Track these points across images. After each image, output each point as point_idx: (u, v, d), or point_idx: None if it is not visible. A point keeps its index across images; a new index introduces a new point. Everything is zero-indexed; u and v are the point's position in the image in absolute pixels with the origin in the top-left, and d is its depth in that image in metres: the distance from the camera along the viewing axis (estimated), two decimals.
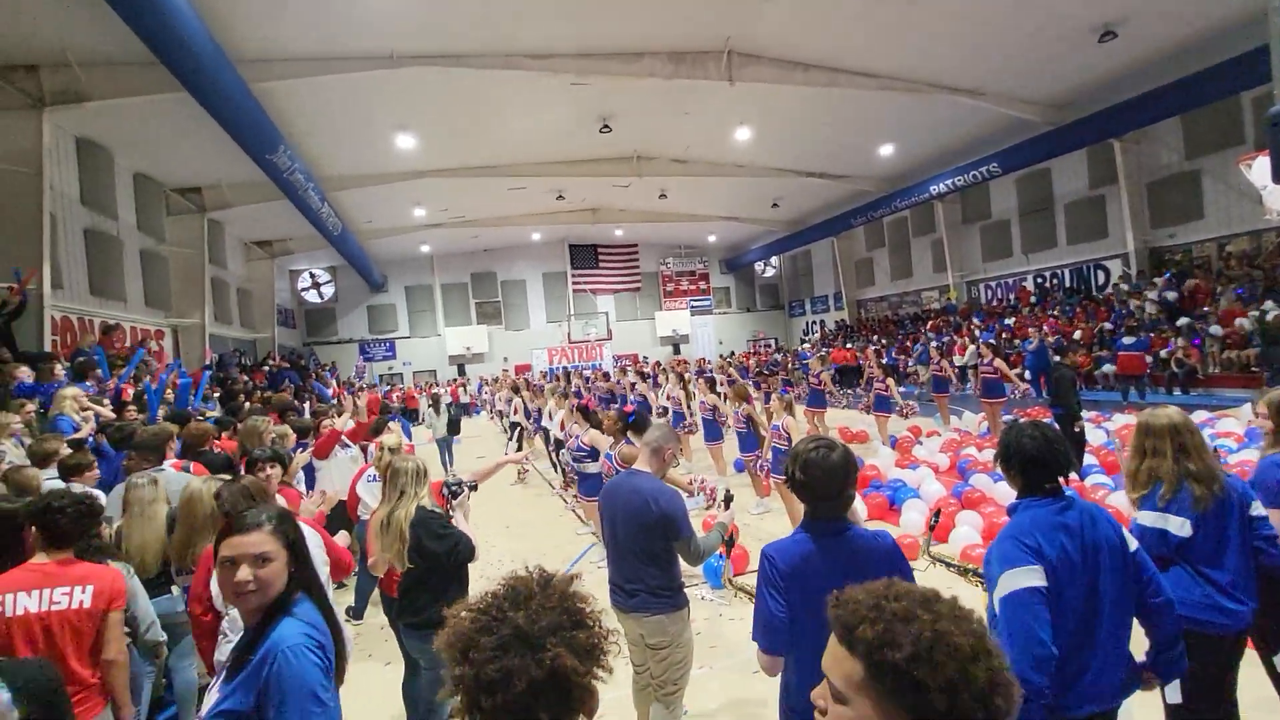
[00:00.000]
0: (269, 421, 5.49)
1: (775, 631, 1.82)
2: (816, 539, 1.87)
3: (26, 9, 7.64)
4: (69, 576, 2.37)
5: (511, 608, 0.98)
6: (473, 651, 0.94)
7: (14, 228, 8.66)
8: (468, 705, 0.94)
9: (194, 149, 11.67)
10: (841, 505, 1.90)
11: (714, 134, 15.28)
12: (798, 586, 1.79)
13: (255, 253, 18.92)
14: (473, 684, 0.93)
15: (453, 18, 9.40)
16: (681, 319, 28.35)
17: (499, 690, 0.91)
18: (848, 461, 1.90)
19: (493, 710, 0.91)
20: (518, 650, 0.93)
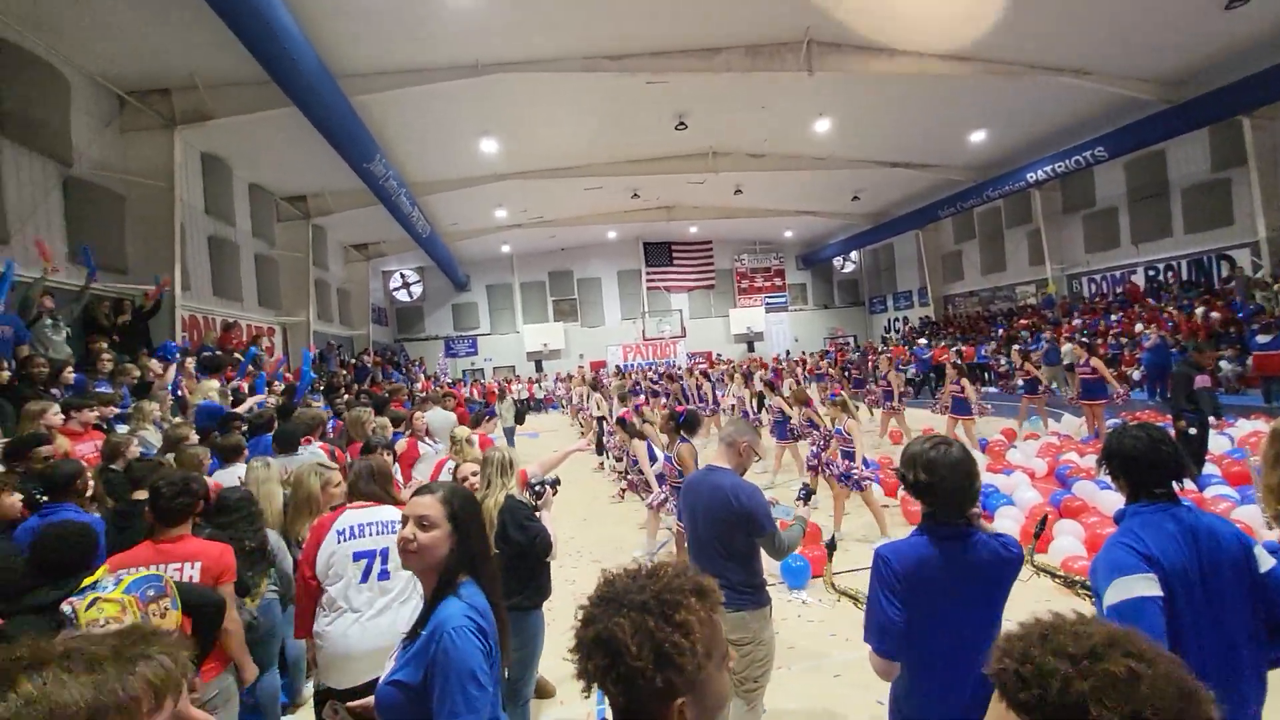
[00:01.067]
0: (370, 412, 5.88)
1: (890, 636, 1.77)
2: (937, 542, 1.80)
3: (161, 39, 8.48)
4: (180, 553, 2.56)
5: (631, 577, 1.03)
6: (593, 593, 1.02)
7: (151, 235, 9.66)
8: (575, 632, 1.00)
9: (300, 160, 12.59)
10: (967, 505, 1.82)
11: (792, 127, 14.97)
12: (915, 590, 1.75)
13: (353, 255, 20.20)
14: (581, 616, 1.00)
15: (533, 25, 9.67)
16: (756, 316, 27.95)
17: (585, 626, 0.98)
18: (968, 456, 1.83)
19: (576, 643, 0.99)
20: (606, 606, 0.98)
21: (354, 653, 2.45)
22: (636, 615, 0.95)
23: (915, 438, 2.01)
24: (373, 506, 2.71)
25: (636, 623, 0.94)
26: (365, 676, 2.36)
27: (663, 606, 0.96)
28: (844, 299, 29.70)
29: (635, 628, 0.93)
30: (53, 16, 7.65)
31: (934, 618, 1.76)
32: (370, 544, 2.62)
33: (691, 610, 0.96)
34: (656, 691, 0.92)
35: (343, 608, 2.54)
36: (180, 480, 2.67)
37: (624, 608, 0.96)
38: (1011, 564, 1.78)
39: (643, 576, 1.02)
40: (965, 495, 1.81)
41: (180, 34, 8.35)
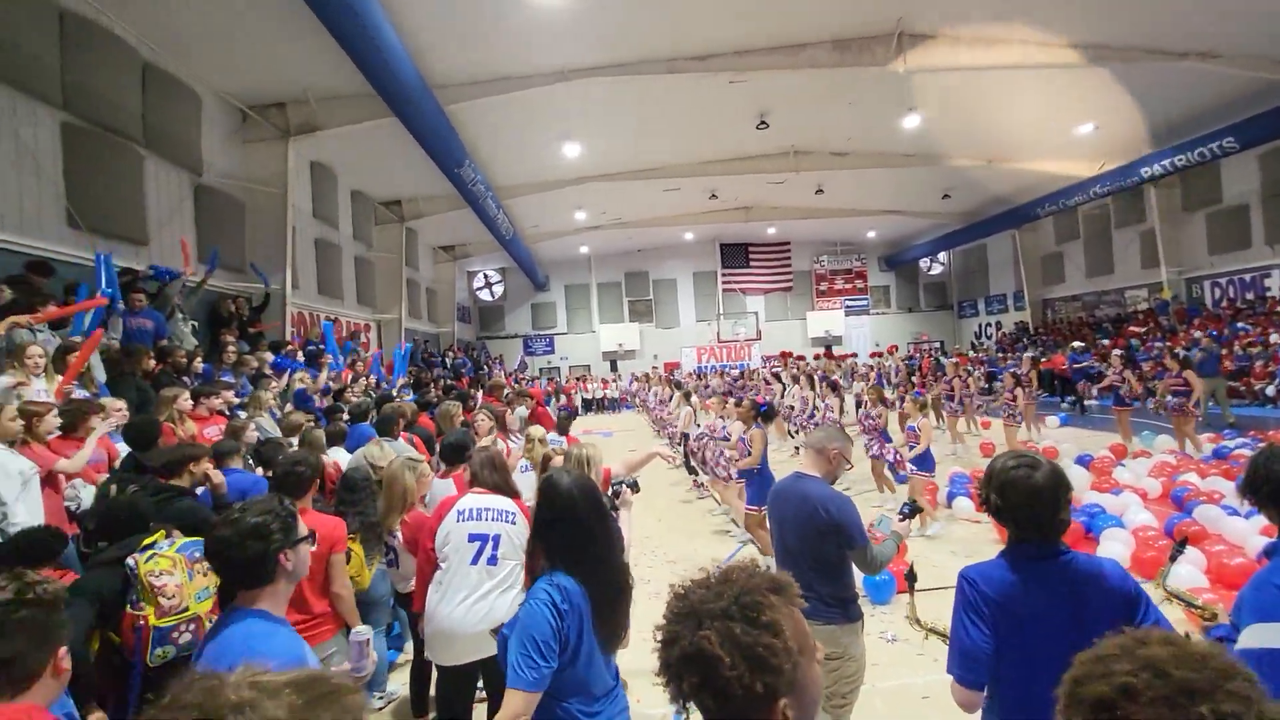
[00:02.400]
0: (459, 406, 6.16)
1: (976, 663, 1.66)
2: (1025, 565, 1.69)
3: (279, 57, 9.21)
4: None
5: (703, 587, 1.00)
6: (667, 610, 1.00)
7: (266, 238, 10.51)
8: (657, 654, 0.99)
9: (397, 167, 13.34)
10: (1053, 531, 1.69)
11: (879, 123, 14.46)
12: (1004, 616, 1.65)
13: (441, 256, 21.20)
14: (659, 637, 0.98)
15: (619, 30, 9.82)
16: (835, 319, 27.16)
17: (665, 648, 0.96)
18: (1056, 482, 1.68)
19: (661, 666, 0.97)
20: (686, 621, 0.95)
21: (456, 633, 2.59)
22: (721, 624, 0.91)
23: (1003, 453, 1.85)
24: (490, 494, 2.87)
25: (723, 632, 0.90)
26: (467, 657, 2.49)
27: (745, 610, 0.92)
28: (931, 302, 28.38)
29: (723, 637, 0.90)
30: (189, 41, 8.48)
31: (1023, 646, 1.65)
32: (484, 528, 2.76)
33: (774, 608, 0.93)
34: (757, 698, 0.89)
35: (450, 586, 2.69)
36: (292, 458, 2.99)
37: (706, 619, 0.92)
38: (1112, 586, 1.63)
39: (716, 583, 0.98)
40: (1044, 525, 1.68)
41: (295, 52, 9.04)
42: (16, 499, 3.49)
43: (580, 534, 1.88)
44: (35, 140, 6.73)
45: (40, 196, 6.79)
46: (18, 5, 6.50)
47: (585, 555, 1.86)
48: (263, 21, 8.25)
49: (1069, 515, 1.74)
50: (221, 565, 1.69)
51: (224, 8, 7.94)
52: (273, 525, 1.68)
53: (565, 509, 1.90)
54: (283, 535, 1.70)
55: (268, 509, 1.73)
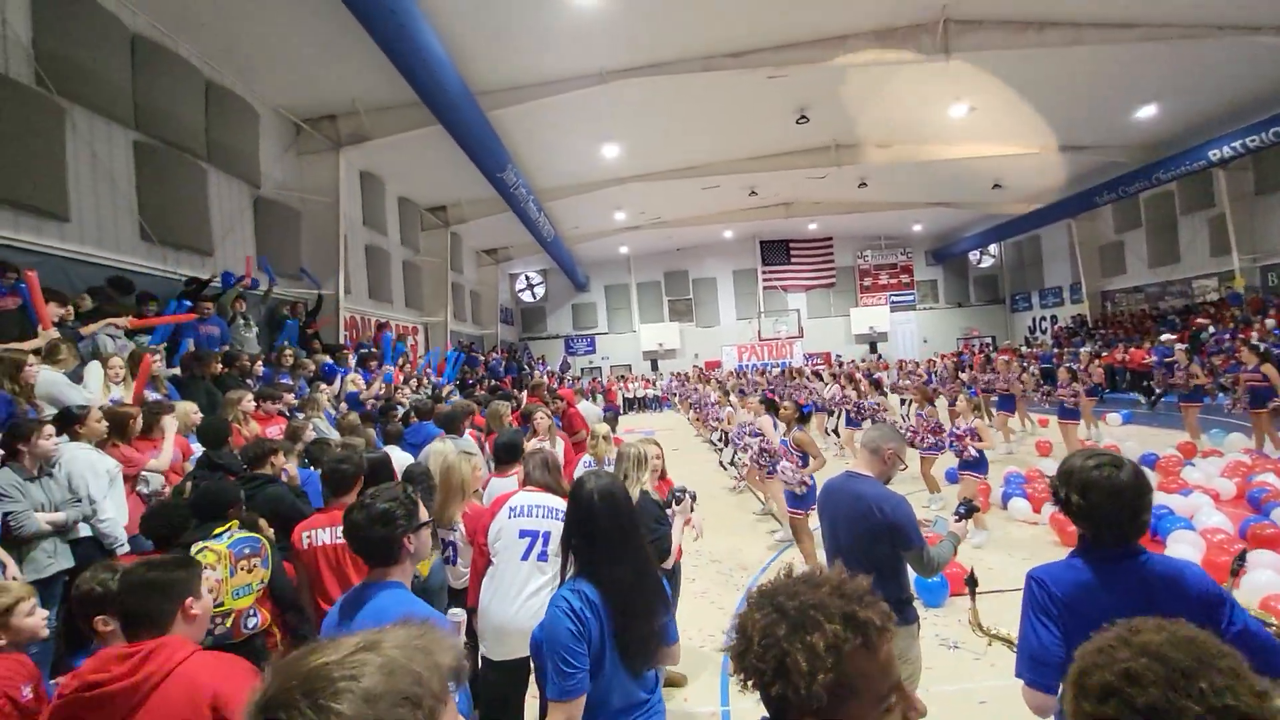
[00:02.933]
0: (508, 406, 6.30)
1: (1046, 666, 1.60)
2: (1097, 565, 1.64)
3: (330, 71, 9.56)
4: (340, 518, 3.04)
5: (786, 580, 1.00)
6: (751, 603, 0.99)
7: (320, 246, 10.93)
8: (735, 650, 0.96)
9: (441, 173, 13.66)
10: (1133, 532, 1.64)
11: (924, 113, 14.10)
12: (1074, 617, 1.60)
13: (484, 259, 21.62)
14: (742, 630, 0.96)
15: (655, 30, 9.84)
16: (880, 315, 26.57)
17: (754, 657, 0.92)
18: (1139, 482, 1.62)
19: (749, 670, 0.94)
20: (759, 598, 0.96)
21: (508, 628, 2.66)
22: (773, 617, 0.92)
23: (1080, 451, 1.78)
24: (542, 492, 2.94)
25: (768, 625, 0.91)
26: (519, 652, 2.56)
27: (802, 620, 0.90)
28: (981, 296, 27.48)
29: (765, 630, 0.91)
30: (247, 59, 8.89)
31: None
32: (535, 525, 2.83)
33: (829, 637, 0.88)
34: (770, 699, 0.90)
35: (502, 582, 2.77)
36: (337, 457, 3.18)
37: (768, 607, 0.94)
38: (1189, 587, 1.55)
39: (801, 583, 0.98)
40: (1125, 526, 1.62)
41: (345, 66, 9.36)
42: (105, 496, 3.74)
43: (599, 541, 1.87)
44: (111, 158, 7.16)
45: (115, 211, 7.23)
46: (96, 33, 6.93)
47: (604, 563, 1.85)
48: (315, 38, 8.58)
49: (1149, 517, 1.69)
50: (356, 545, 1.93)
51: (279, 27, 8.30)
52: (397, 512, 1.88)
53: (585, 514, 1.90)
54: (406, 521, 1.89)
55: (393, 497, 1.91)
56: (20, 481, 3.39)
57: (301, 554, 3.00)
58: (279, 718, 0.66)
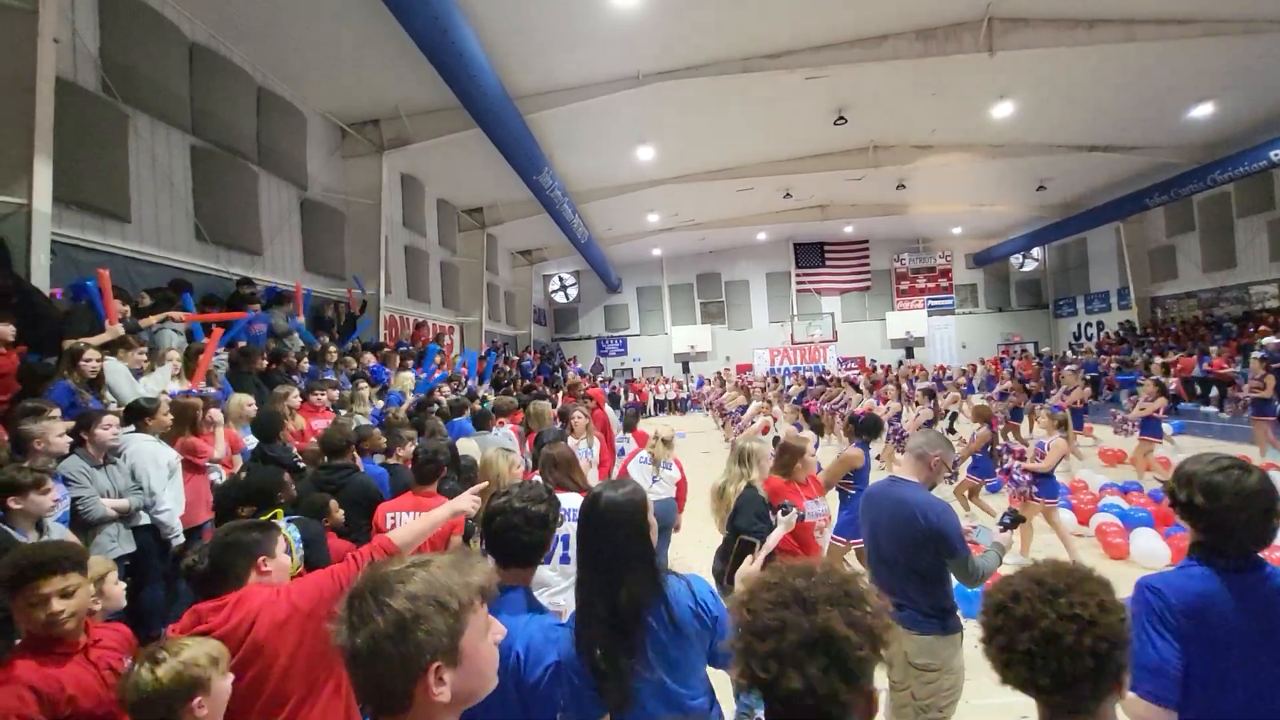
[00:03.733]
0: (549, 405, 6.38)
1: (1168, 679, 1.52)
2: (1220, 575, 1.56)
3: (375, 77, 9.81)
4: (429, 504, 3.25)
5: (794, 576, 1.05)
6: (754, 602, 1.03)
7: (362, 247, 11.21)
8: (742, 651, 1.00)
9: (479, 176, 13.88)
10: (1259, 540, 1.57)
11: (966, 113, 13.80)
12: (1197, 631, 1.52)
13: (519, 260, 21.89)
14: (748, 629, 1.01)
15: (693, 32, 9.83)
16: (917, 320, 26.06)
17: (770, 637, 0.97)
18: (1268, 487, 1.55)
19: (763, 656, 0.97)
20: (793, 607, 0.98)
21: None
22: (841, 608, 0.99)
23: (1197, 455, 1.71)
24: (558, 493, 2.97)
25: (846, 614, 1.00)
26: None
27: (854, 594, 1.05)
28: (1023, 301, 26.74)
29: (848, 618, 0.99)
30: (296, 66, 9.19)
31: (1223, 666, 1.52)
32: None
33: (872, 591, 1.09)
34: (868, 676, 1.00)
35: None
36: (433, 449, 3.50)
37: (820, 603, 0.99)
38: None
39: (809, 573, 1.07)
40: (1253, 533, 1.55)
41: (388, 71, 9.60)
42: (164, 488, 3.91)
43: (584, 553, 1.76)
44: (169, 162, 7.48)
45: (173, 213, 7.54)
46: (158, 42, 7.25)
47: (586, 576, 1.75)
48: (361, 45, 8.82)
49: (1277, 525, 1.59)
50: (504, 546, 1.80)
51: (327, 35, 8.56)
52: (550, 516, 1.84)
53: (581, 524, 1.80)
54: (555, 524, 1.87)
55: (543, 499, 1.85)
56: (87, 468, 3.56)
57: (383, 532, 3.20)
58: (354, 604, 0.98)
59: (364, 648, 0.95)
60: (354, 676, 1.00)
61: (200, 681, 1.60)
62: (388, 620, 0.94)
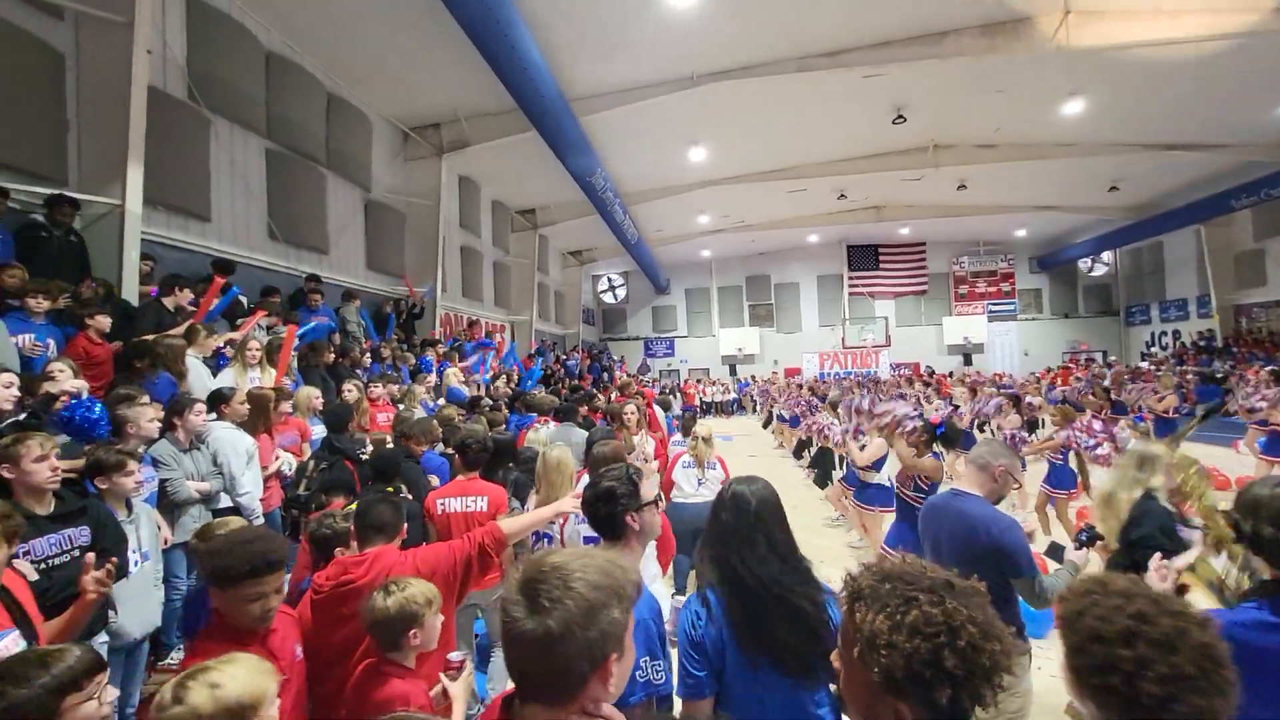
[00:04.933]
0: (634, 405, 6.43)
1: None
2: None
3: (436, 82, 10.11)
4: (475, 489, 3.55)
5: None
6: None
7: (420, 246, 11.58)
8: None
9: (532, 177, 14.12)
10: None
11: (1033, 110, 13.24)
12: (1266, 681, 1.41)
13: (569, 261, 22.17)
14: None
15: (749, 31, 9.75)
16: (976, 325, 25.13)
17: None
18: None
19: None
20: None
21: None
22: (951, 599, 1.05)
23: (1264, 478, 1.56)
24: None
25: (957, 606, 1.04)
26: None
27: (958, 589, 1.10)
28: (1091, 307, 25.47)
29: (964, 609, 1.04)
30: (363, 72, 9.55)
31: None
32: (592, 532, 2.88)
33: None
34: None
35: None
36: (481, 437, 3.69)
37: (927, 593, 1.06)
38: None
39: (909, 569, 1.12)
40: None
41: (449, 77, 9.87)
42: (243, 472, 4.13)
43: (719, 544, 1.88)
44: (246, 165, 7.90)
45: (249, 213, 7.96)
46: (238, 51, 7.68)
47: (724, 567, 1.84)
48: (423, 51, 9.10)
49: None
50: (591, 521, 2.04)
51: (393, 42, 8.86)
52: (620, 490, 1.96)
53: (713, 515, 1.95)
54: (628, 499, 1.96)
55: (617, 476, 2.01)
56: (176, 452, 3.80)
57: (435, 519, 3.55)
58: (539, 588, 0.99)
59: (557, 630, 0.96)
60: (529, 660, 1.00)
61: (416, 616, 1.93)
62: (578, 605, 0.97)
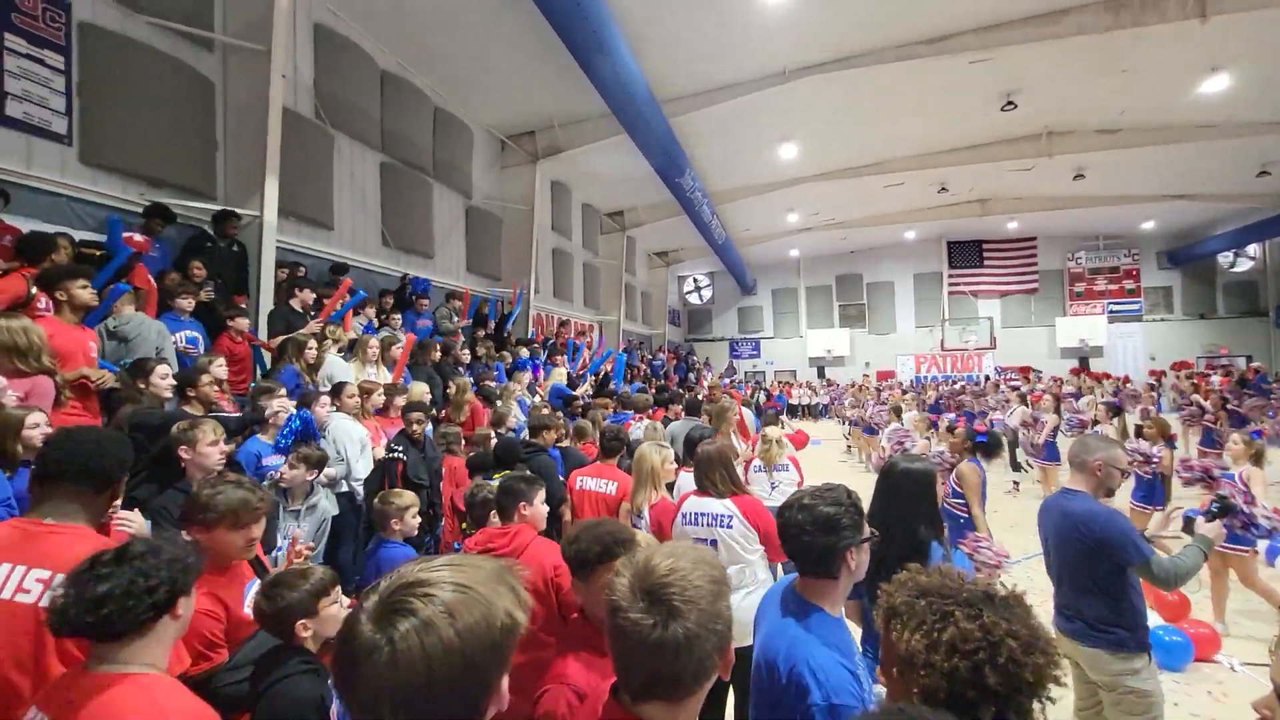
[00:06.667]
0: (737, 405, 6.47)
1: None
2: None
3: (533, 92, 10.51)
4: (608, 474, 4.11)
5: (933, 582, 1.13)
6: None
7: (516, 250, 12.07)
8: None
9: (621, 180, 14.33)
10: None
11: (1165, 90, 12.03)
12: None
13: (655, 262, 22.37)
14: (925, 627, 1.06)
15: (846, 21, 9.46)
16: (1094, 326, 23.08)
17: (926, 634, 1.04)
18: None
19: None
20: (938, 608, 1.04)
21: None
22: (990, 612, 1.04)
23: None
24: (707, 498, 2.98)
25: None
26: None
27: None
28: (1233, 307, 22.76)
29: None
30: (466, 87, 10.08)
31: None
32: (704, 534, 2.90)
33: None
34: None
35: None
36: (616, 430, 4.38)
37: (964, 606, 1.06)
38: None
39: (946, 579, 1.12)
40: None
41: (544, 86, 10.22)
42: (357, 460, 4.48)
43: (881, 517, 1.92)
44: (364, 177, 8.55)
45: (365, 221, 8.61)
46: (358, 72, 8.32)
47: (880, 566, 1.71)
48: (521, 62, 9.47)
49: None
50: (791, 547, 1.63)
51: (493, 56, 9.27)
52: (844, 520, 1.58)
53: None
54: (852, 532, 1.58)
55: (838, 501, 1.61)
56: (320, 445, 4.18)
57: (574, 493, 4.13)
58: (666, 594, 1.03)
59: (696, 632, 1.01)
60: (661, 664, 1.02)
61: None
62: (708, 604, 1.04)
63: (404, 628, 0.75)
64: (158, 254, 5.45)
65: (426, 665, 0.74)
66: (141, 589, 1.24)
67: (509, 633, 0.82)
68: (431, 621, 0.76)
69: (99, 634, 1.21)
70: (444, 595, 0.79)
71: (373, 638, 0.75)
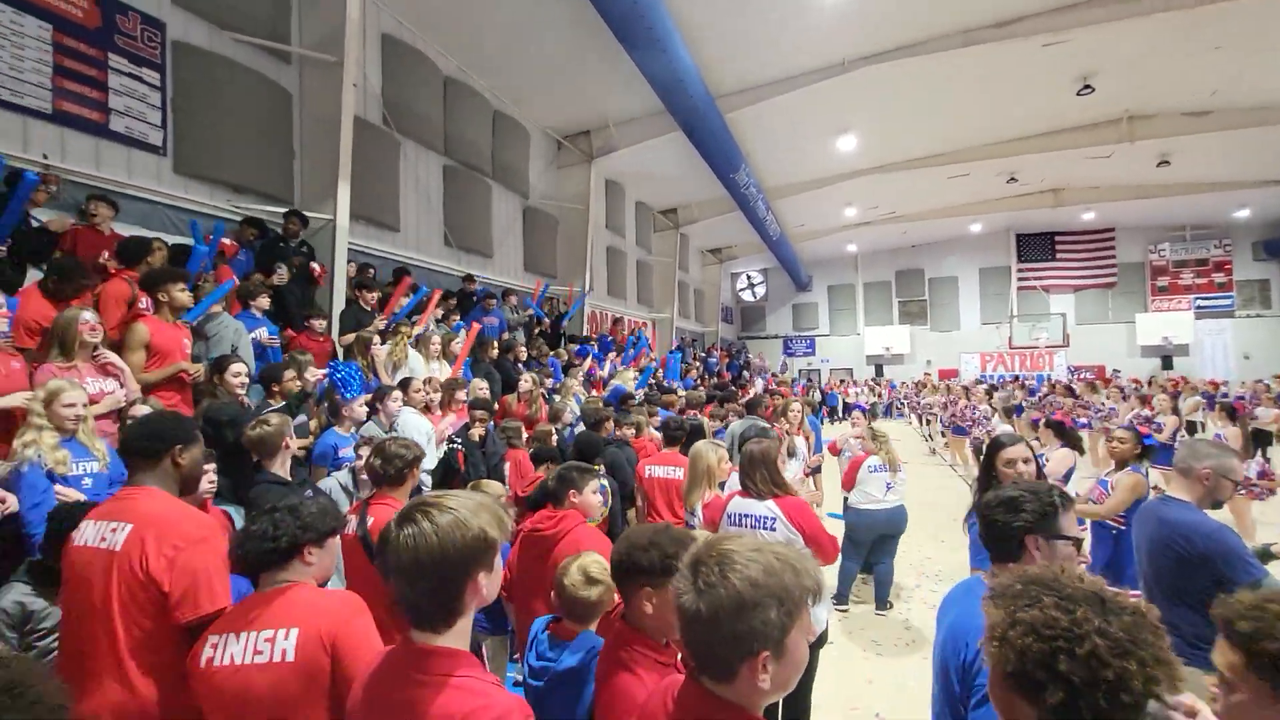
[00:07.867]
0: (799, 404, 6.44)
1: None
2: None
3: (588, 92, 10.62)
4: (675, 461, 4.28)
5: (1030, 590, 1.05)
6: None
7: (572, 248, 12.24)
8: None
9: (674, 177, 14.32)
10: None
11: (1265, 66, 11.11)
12: None
13: (708, 259, 22.26)
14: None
15: (906, 9, 9.17)
16: (1180, 323, 21.55)
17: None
18: None
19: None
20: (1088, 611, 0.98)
21: None
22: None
23: None
24: (749, 499, 2.94)
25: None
26: None
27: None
28: None
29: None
30: (524, 89, 10.29)
31: None
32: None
33: None
34: None
35: None
36: (680, 420, 4.56)
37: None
38: None
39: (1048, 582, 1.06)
40: None
41: (599, 86, 10.33)
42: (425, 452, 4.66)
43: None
44: (428, 180, 8.85)
45: (429, 223, 8.92)
46: (422, 79, 8.62)
47: None
48: (576, 64, 9.59)
49: None
50: (982, 534, 1.71)
51: (550, 59, 9.41)
52: (1025, 503, 1.62)
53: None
54: (1032, 519, 1.60)
55: (1034, 489, 1.66)
56: (379, 433, 4.37)
57: (643, 481, 4.33)
58: (699, 569, 1.07)
59: (706, 613, 1.04)
60: (686, 633, 1.09)
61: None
62: (729, 596, 1.03)
63: (407, 530, 1.20)
64: (243, 259, 5.81)
65: (414, 552, 1.19)
66: (270, 536, 1.71)
67: (481, 540, 1.22)
68: (422, 527, 1.20)
69: (253, 568, 1.73)
70: (436, 513, 1.22)
71: (390, 531, 1.22)
